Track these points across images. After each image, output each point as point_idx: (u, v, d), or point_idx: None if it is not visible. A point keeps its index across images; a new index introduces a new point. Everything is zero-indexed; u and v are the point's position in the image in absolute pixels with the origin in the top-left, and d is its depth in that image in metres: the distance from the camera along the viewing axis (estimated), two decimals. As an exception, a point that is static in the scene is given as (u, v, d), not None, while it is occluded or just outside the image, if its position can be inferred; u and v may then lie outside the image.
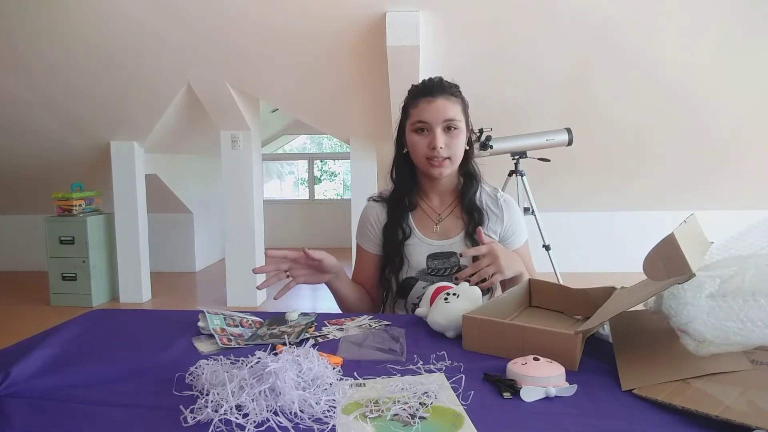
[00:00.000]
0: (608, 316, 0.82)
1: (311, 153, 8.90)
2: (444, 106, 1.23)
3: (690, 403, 0.63)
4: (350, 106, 3.72)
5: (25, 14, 3.04)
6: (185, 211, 5.15)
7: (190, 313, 1.10)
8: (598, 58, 3.25)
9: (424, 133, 1.24)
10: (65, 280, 4.12)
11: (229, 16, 3.01)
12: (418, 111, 1.25)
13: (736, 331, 0.68)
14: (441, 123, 1.22)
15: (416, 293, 1.28)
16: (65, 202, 4.12)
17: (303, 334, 0.97)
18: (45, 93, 3.64)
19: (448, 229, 1.31)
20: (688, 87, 3.44)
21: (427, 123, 1.23)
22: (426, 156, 1.24)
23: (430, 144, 1.22)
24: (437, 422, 0.64)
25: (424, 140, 1.24)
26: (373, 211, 1.35)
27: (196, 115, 3.98)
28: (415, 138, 1.25)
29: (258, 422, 0.63)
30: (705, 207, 4.30)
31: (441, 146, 1.21)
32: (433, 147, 1.21)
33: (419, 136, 1.24)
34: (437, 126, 1.22)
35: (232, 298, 4.06)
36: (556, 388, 0.69)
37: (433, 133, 1.22)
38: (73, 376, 0.79)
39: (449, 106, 1.24)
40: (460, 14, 2.95)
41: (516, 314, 1.06)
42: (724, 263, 0.80)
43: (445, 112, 1.23)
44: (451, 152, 1.24)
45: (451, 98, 1.25)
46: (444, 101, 1.23)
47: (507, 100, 3.52)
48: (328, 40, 3.12)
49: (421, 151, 1.24)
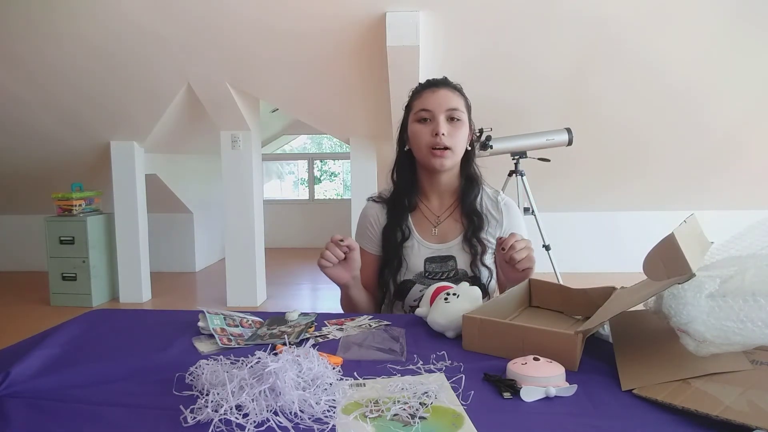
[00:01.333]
0: (608, 316, 0.82)
1: (311, 153, 8.90)
2: (447, 95, 1.24)
3: (690, 403, 0.63)
4: (350, 106, 3.72)
5: (25, 14, 3.04)
6: (185, 211, 5.15)
7: (190, 313, 1.10)
8: (597, 58, 3.25)
9: (426, 122, 1.24)
10: (65, 280, 4.12)
11: (229, 16, 3.01)
12: (421, 101, 1.25)
13: (736, 331, 0.68)
14: (444, 111, 1.23)
15: (413, 296, 1.28)
16: (65, 202, 4.12)
17: (303, 334, 0.97)
18: (45, 93, 3.64)
19: (446, 232, 1.30)
20: (688, 87, 3.44)
21: (430, 111, 1.23)
22: (428, 144, 1.23)
23: (432, 131, 1.22)
24: (437, 422, 0.64)
25: (427, 128, 1.23)
26: (373, 211, 1.35)
27: (196, 115, 3.98)
28: (417, 127, 1.25)
29: (258, 422, 0.63)
30: (705, 207, 4.30)
31: (443, 133, 1.21)
32: (436, 133, 1.21)
33: (422, 125, 1.24)
34: (440, 114, 1.22)
35: (232, 298, 4.06)
36: (556, 388, 0.69)
37: (437, 120, 1.22)
38: (73, 376, 0.79)
39: (452, 96, 1.25)
40: (460, 14, 2.95)
41: (516, 314, 1.06)
42: (724, 263, 0.80)
43: (449, 101, 1.24)
44: (453, 142, 1.23)
45: (455, 91, 1.27)
46: (447, 92, 1.25)
47: (507, 99, 3.52)
48: (328, 40, 3.12)
49: (423, 139, 1.23)
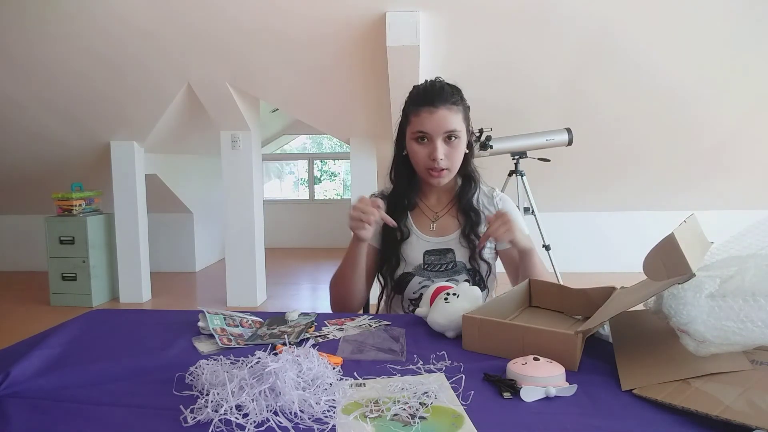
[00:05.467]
0: (608, 316, 0.82)
1: (311, 153, 8.90)
2: (445, 117, 1.22)
3: (690, 403, 0.63)
4: (350, 106, 3.72)
5: (25, 14, 3.04)
6: (185, 211, 5.15)
7: (190, 313, 1.10)
8: (596, 59, 3.25)
9: (424, 143, 1.25)
10: (65, 280, 4.12)
11: (229, 17, 3.01)
12: (419, 121, 1.24)
13: (736, 331, 0.68)
14: (442, 134, 1.23)
15: (412, 288, 1.30)
16: (65, 202, 4.11)
17: (303, 334, 0.97)
18: (45, 93, 3.64)
19: (444, 227, 1.33)
20: (686, 88, 3.43)
21: (427, 134, 1.23)
22: (426, 165, 1.26)
23: (430, 155, 1.23)
24: (437, 422, 0.64)
25: (425, 150, 1.25)
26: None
27: (196, 115, 3.98)
28: (415, 147, 1.26)
29: (258, 422, 0.63)
30: (705, 207, 4.29)
31: (441, 158, 1.23)
32: (434, 159, 1.23)
33: (420, 145, 1.25)
34: (438, 137, 1.23)
35: (232, 298, 4.06)
36: (556, 388, 0.69)
37: (434, 144, 1.23)
38: (73, 376, 0.79)
39: (450, 117, 1.23)
40: (460, 14, 2.95)
41: (516, 314, 1.06)
42: (724, 263, 0.80)
43: (447, 123, 1.22)
44: (450, 163, 1.25)
45: (453, 108, 1.24)
46: (445, 112, 1.22)
47: (507, 99, 3.52)
48: (328, 40, 3.12)
49: (421, 161, 1.26)
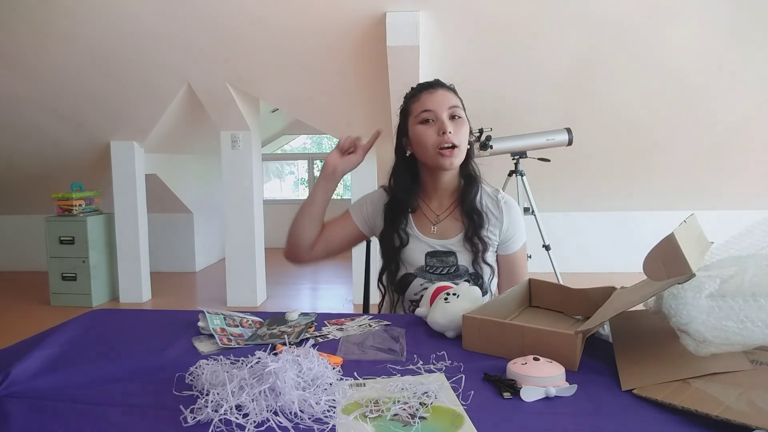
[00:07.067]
0: (608, 316, 0.82)
1: (311, 153, 8.89)
2: (445, 95, 1.26)
3: (690, 403, 0.63)
4: (350, 106, 3.72)
5: (25, 14, 3.04)
6: (185, 211, 5.15)
7: (190, 313, 1.10)
8: (598, 57, 3.25)
9: (430, 123, 1.23)
10: (65, 280, 4.12)
11: (229, 16, 3.01)
12: (420, 103, 1.25)
13: (736, 331, 0.68)
14: (446, 110, 1.23)
15: (414, 290, 1.29)
16: (65, 202, 4.11)
17: (303, 334, 0.97)
18: (45, 93, 3.64)
19: (445, 230, 1.31)
20: (689, 86, 3.43)
21: (432, 111, 1.23)
22: (435, 145, 1.22)
23: (439, 130, 1.21)
24: (437, 422, 0.64)
25: (431, 129, 1.23)
26: (379, 197, 1.37)
27: (196, 115, 3.98)
28: (421, 129, 1.24)
29: (258, 422, 0.63)
30: (705, 207, 4.29)
31: (450, 131, 1.21)
32: (443, 132, 1.20)
33: (426, 126, 1.24)
34: (443, 113, 1.23)
35: (232, 298, 4.05)
36: (556, 388, 0.69)
37: (441, 119, 1.22)
38: (73, 376, 0.79)
39: (450, 95, 1.27)
40: (460, 14, 2.95)
41: (516, 314, 1.06)
42: (724, 263, 0.80)
43: (448, 100, 1.25)
44: (458, 140, 1.22)
45: (451, 91, 1.28)
46: (445, 92, 1.27)
47: (507, 99, 3.52)
48: (329, 40, 3.12)
49: (430, 141, 1.22)
